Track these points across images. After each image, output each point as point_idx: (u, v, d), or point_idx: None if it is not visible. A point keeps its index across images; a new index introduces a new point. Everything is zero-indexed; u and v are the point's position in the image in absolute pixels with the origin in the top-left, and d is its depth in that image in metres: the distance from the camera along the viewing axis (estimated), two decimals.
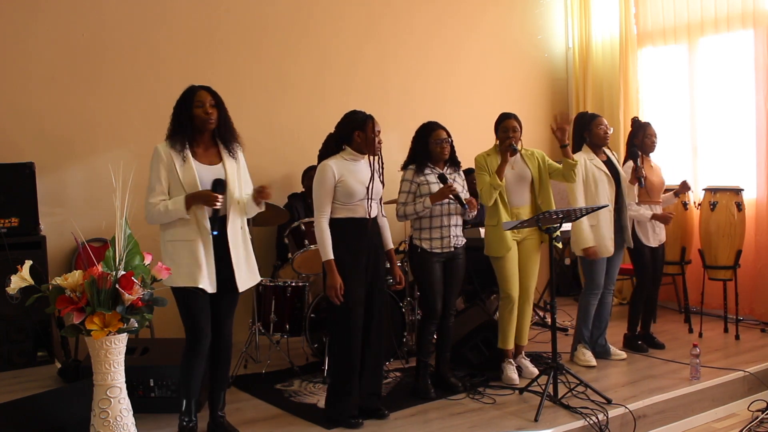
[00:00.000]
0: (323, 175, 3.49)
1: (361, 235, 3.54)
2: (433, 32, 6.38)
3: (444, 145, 3.93)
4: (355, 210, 3.53)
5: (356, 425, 3.50)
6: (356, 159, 3.56)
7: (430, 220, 3.93)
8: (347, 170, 3.51)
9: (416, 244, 3.95)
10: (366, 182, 3.51)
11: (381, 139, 3.57)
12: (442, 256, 3.95)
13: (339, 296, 3.44)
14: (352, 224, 3.52)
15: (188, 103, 3.20)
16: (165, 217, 3.15)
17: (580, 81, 7.01)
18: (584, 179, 4.45)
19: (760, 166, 5.59)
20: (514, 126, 4.21)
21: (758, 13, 5.59)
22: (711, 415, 4.13)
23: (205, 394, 3.55)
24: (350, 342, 3.51)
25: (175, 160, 3.15)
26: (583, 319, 4.59)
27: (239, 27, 5.45)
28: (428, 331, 3.98)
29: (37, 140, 4.72)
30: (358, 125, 3.53)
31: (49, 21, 4.76)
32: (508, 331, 4.26)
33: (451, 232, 3.96)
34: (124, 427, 2.59)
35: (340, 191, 3.49)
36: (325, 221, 3.49)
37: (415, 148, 4.02)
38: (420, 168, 3.95)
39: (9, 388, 4.01)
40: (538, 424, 3.56)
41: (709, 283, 5.43)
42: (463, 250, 4.06)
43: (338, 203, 3.51)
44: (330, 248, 3.46)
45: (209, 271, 3.16)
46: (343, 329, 3.52)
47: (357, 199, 3.51)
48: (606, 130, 4.52)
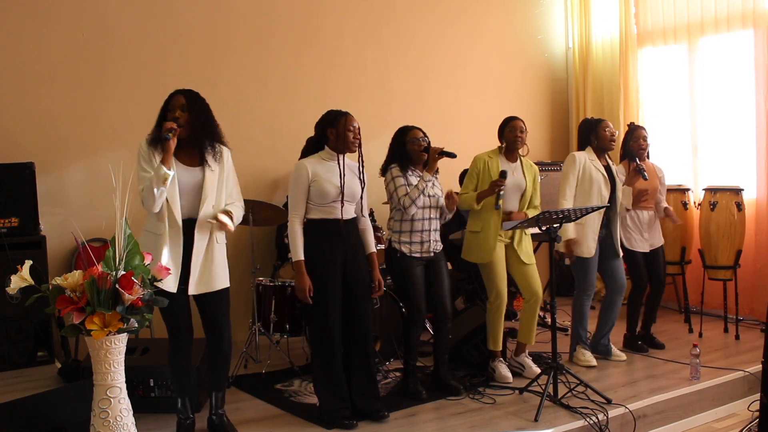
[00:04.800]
0: (297, 174, 3.49)
1: (335, 236, 3.51)
2: (436, 35, 6.38)
3: (420, 142, 3.94)
4: (329, 211, 3.50)
5: (350, 426, 3.48)
6: (333, 158, 3.54)
7: (411, 224, 3.91)
8: (323, 170, 3.49)
9: (395, 247, 3.93)
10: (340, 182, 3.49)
11: (358, 136, 3.53)
12: (422, 260, 3.95)
13: (308, 297, 3.44)
14: (326, 225, 3.50)
15: (165, 108, 3.22)
16: (153, 190, 3.04)
17: (580, 81, 7.01)
18: (581, 177, 4.46)
19: (760, 166, 5.59)
20: (522, 127, 4.24)
21: (758, 13, 5.60)
22: (711, 415, 4.13)
23: (205, 394, 3.55)
24: (330, 342, 3.49)
25: (155, 158, 3.13)
26: (579, 320, 4.60)
27: (241, 27, 5.45)
28: (413, 334, 3.96)
29: (38, 140, 4.72)
30: (331, 122, 3.53)
31: (50, 21, 4.75)
32: (498, 332, 4.26)
33: (431, 237, 3.96)
34: (124, 427, 2.59)
35: (313, 191, 3.47)
36: (297, 222, 3.48)
37: (393, 151, 4.03)
38: (403, 168, 3.95)
39: (9, 388, 4.00)
40: (538, 424, 3.56)
41: (709, 283, 5.43)
42: (442, 254, 4.07)
43: (312, 204, 3.50)
44: (301, 249, 3.45)
45: (174, 270, 3.12)
46: (320, 330, 3.51)
47: (331, 199, 3.48)
48: (612, 133, 4.54)
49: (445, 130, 6.05)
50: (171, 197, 3.14)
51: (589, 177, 4.46)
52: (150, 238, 3.17)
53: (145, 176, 3.11)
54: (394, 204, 3.94)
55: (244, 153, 5.18)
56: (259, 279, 4.61)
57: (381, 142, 4.28)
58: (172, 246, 3.16)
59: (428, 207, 3.94)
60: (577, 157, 4.48)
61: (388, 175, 3.97)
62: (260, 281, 4.58)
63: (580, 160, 4.47)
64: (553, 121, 7.17)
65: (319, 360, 3.56)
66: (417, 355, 4.04)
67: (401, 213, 3.92)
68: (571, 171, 4.47)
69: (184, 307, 3.26)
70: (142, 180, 3.12)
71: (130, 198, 2.64)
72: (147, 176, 3.11)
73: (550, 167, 6.19)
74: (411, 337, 3.96)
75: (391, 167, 3.97)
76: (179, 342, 3.30)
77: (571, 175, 4.46)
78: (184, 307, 3.25)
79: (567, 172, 4.49)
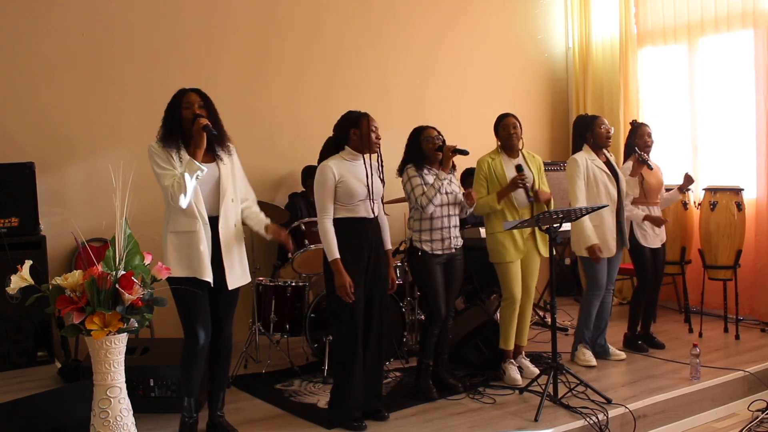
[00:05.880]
0: (323, 176, 3.49)
1: (363, 235, 3.53)
2: (436, 35, 6.38)
3: (435, 141, 3.96)
4: (357, 210, 3.52)
5: (359, 428, 3.49)
6: (356, 158, 3.56)
7: (430, 222, 3.92)
8: (347, 170, 3.51)
9: (416, 246, 3.94)
10: (366, 182, 3.52)
11: (379, 136, 3.57)
12: (442, 257, 3.95)
13: (350, 294, 3.43)
14: (353, 224, 3.52)
15: (177, 105, 3.21)
16: (185, 183, 3.06)
17: (580, 81, 7.00)
18: (586, 179, 4.45)
19: (760, 166, 5.58)
20: (514, 123, 4.26)
21: (758, 13, 5.59)
22: (711, 415, 4.13)
23: (205, 394, 3.55)
24: (354, 342, 3.50)
25: (172, 157, 3.14)
26: (585, 319, 4.59)
27: (242, 27, 5.45)
28: (431, 333, 3.97)
29: (38, 140, 4.72)
30: (354, 123, 3.55)
31: (50, 21, 4.75)
32: (510, 331, 4.27)
33: (451, 233, 3.97)
34: (124, 427, 2.59)
35: (340, 192, 3.48)
36: (328, 222, 3.48)
37: (409, 151, 4.04)
38: (419, 168, 3.96)
39: (9, 388, 4.00)
40: (538, 424, 3.56)
41: (709, 283, 5.43)
42: (461, 250, 4.07)
43: (339, 204, 3.51)
44: (335, 248, 3.45)
45: (209, 263, 3.16)
46: (347, 329, 3.51)
47: (358, 199, 3.50)
48: (608, 130, 4.53)
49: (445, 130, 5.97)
50: (195, 194, 3.15)
51: (594, 178, 4.45)
52: (183, 238, 3.16)
53: (170, 173, 3.10)
54: (411, 204, 3.96)
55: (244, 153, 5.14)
56: (259, 279, 4.61)
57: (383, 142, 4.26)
58: (207, 240, 3.17)
59: (447, 204, 3.95)
60: (579, 160, 4.47)
61: (404, 175, 3.98)
62: (260, 281, 4.59)
63: (583, 162, 4.46)
64: (553, 121, 7.17)
65: (341, 359, 3.56)
66: (432, 354, 4.03)
67: (420, 212, 3.93)
68: (577, 174, 4.44)
69: (207, 307, 3.25)
70: (167, 177, 3.11)
71: (130, 198, 2.64)
72: (172, 173, 3.10)
73: (550, 167, 6.18)
74: (428, 335, 3.97)
75: (407, 167, 3.98)
76: (199, 344, 3.25)
77: (579, 177, 4.43)
78: (207, 307, 3.25)
79: (573, 177, 4.44)
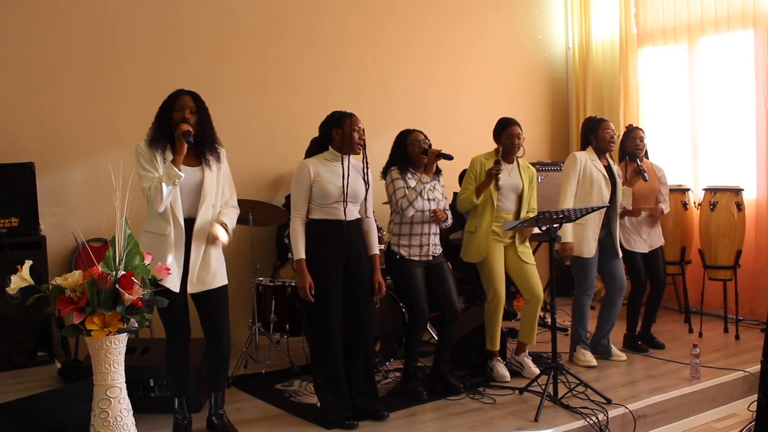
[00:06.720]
0: (299, 174, 3.49)
1: (336, 237, 3.51)
2: (436, 35, 6.38)
3: (421, 144, 3.94)
4: (331, 212, 3.50)
5: (351, 427, 3.48)
6: (337, 159, 3.53)
7: (410, 227, 3.92)
8: (325, 170, 3.49)
9: (395, 250, 3.93)
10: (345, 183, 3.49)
11: (363, 137, 3.53)
12: (420, 263, 3.95)
13: (309, 296, 3.44)
14: (328, 226, 3.50)
15: (169, 107, 3.21)
16: (161, 190, 3.06)
17: (580, 81, 7.01)
18: (582, 178, 4.46)
19: (760, 166, 5.59)
20: (519, 133, 4.25)
21: (758, 13, 5.60)
22: (711, 415, 4.13)
23: (205, 394, 3.55)
24: (330, 341, 3.48)
25: (156, 158, 3.14)
26: (579, 320, 4.60)
27: (242, 28, 5.45)
28: (416, 336, 3.95)
29: (38, 140, 4.72)
30: (336, 123, 3.53)
31: (51, 21, 4.75)
32: (495, 332, 4.26)
33: (430, 240, 3.96)
34: (124, 427, 2.59)
35: (315, 192, 3.47)
36: (298, 221, 3.48)
37: (394, 153, 4.03)
38: (403, 171, 3.95)
39: (9, 388, 4.00)
40: (538, 424, 3.56)
41: (709, 283, 5.43)
42: (442, 257, 4.06)
43: (315, 204, 3.50)
44: (302, 248, 3.45)
45: (177, 269, 3.14)
46: (320, 330, 3.51)
47: (333, 200, 3.48)
48: (612, 135, 4.54)
49: (446, 130, 6.06)
50: (173, 197, 3.15)
51: (589, 177, 4.46)
52: (152, 239, 3.17)
53: (150, 176, 3.12)
54: (392, 206, 3.94)
55: (244, 153, 5.20)
56: (259, 279, 4.61)
57: (382, 143, 4.27)
58: (177, 246, 3.17)
59: (428, 211, 3.93)
60: (578, 157, 4.49)
61: (387, 177, 3.97)
62: (260, 281, 4.59)
63: (581, 160, 4.47)
64: (553, 121, 7.17)
65: (319, 360, 3.56)
66: (418, 356, 4.03)
67: (400, 216, 3.92)
68: (572, 171, 4.47)
69: (183, 307, 3.26)
70: (147, 180, 3.13)
71: (130, 198, 2.64)
72: (152, 176, 3.11)
73: (550, 167, 6.18)
74: (413, 338, 3.95)
75: (391, 170, 3.97)
76: (176, 342, 3.31)
77: (572, 175, 4.46)
78: (182, 307, 3.26)
79: (568, 172, 4.49)
